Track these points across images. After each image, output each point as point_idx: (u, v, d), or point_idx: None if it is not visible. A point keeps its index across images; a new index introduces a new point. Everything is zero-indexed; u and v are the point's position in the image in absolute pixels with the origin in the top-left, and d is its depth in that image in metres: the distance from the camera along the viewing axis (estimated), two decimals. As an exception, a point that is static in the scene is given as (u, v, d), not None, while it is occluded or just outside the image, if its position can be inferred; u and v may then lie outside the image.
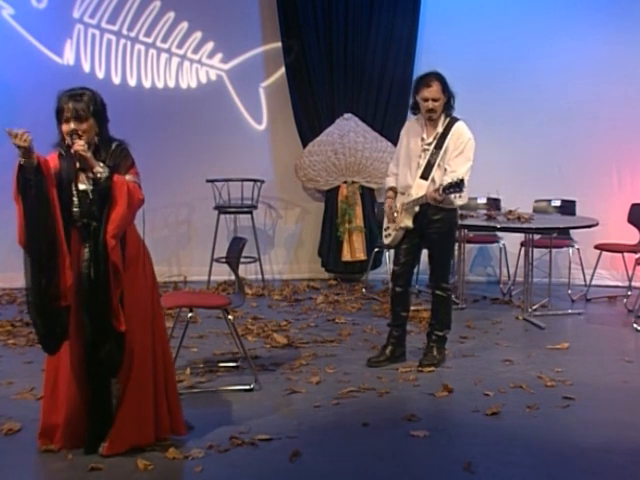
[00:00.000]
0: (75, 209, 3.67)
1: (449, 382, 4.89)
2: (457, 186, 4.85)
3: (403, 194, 5.20)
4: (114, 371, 3.74)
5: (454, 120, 5.13)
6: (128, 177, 3.70)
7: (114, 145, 3.74)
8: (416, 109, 5.22)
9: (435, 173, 5.06)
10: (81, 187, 3.68)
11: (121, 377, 3.76)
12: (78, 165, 3.67)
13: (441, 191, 4.89)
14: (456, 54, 7.84)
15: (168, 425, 3.91)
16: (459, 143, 5.06)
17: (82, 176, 3.69)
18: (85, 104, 3.66)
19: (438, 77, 5.07)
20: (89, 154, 3.62)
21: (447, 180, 4.93)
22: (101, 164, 3.64)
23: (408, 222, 5.15)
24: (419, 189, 5.07)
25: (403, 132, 5.33)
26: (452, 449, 4.01)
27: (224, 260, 5.55)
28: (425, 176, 5.07)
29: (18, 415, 4.29)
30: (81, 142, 3.61)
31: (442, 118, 5.12)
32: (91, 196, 3.66)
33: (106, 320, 3.65)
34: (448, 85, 5.08)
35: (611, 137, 7.87)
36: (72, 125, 3.64)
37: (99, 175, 3.62)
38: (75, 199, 3.67)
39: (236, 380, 4.97)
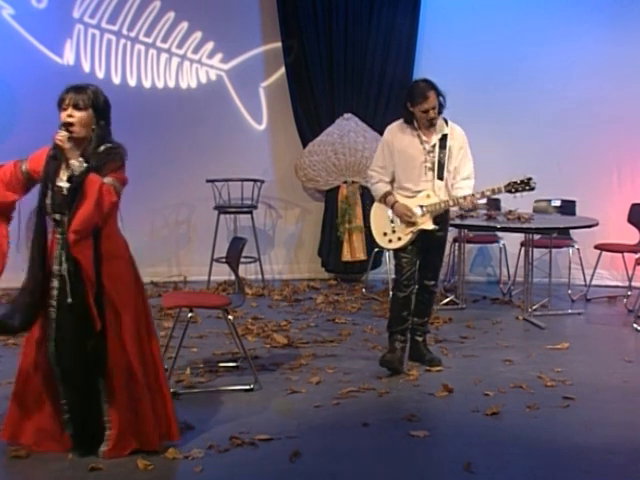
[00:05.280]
0: (48, 201, 3.66)
1: (449, 382, 4.89)
2: (527, 184, 5.00)
3: (410, 197, 5.13)
4: (100, 370, 3.69)
5: (445, 119, 5.18)
6: (107, 179, 3.62)
7: (104, 146, 3.68)
8: (411, 117, 5.12)
9: (446, 173, 5.13)
10: (58, 182, 3.65)
11: (108, 379, 3.70)
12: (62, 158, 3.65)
13: (504, 191, 5.05)
14: (456, 54, 7.86)
15: (165, 431, 3.86)
16: (462, 142, 5.18)
17: (62, 171, 3.66)
18: (86, 95, 3.66)
19: (430, 85, 5.03)
20: (67, 146, 3.60)
21: (463, 187, 5.07)
22: (80, 159, 3.61)
23: (431, 225, 5.10)
24: (439, 190, 5.09)
25: (389, 138, 5.20)
26: (452, 449, 4.01)
27: (224, 260, 5.55)
28: (441, 177, 5.11)
29: (18, 415, 4.28)
30: (63, 133, 3.60)
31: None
32: (65, 192, 3.63)
33: (81, 319, 3.63)
34: (438, 88, 5.05)
35: (611, 137, 7.86)
36: (69, 111, 3.63)
37: (73, 168, 3.59)
38: (49, 191, 3.65)
39: (236, 380, 4.97)
